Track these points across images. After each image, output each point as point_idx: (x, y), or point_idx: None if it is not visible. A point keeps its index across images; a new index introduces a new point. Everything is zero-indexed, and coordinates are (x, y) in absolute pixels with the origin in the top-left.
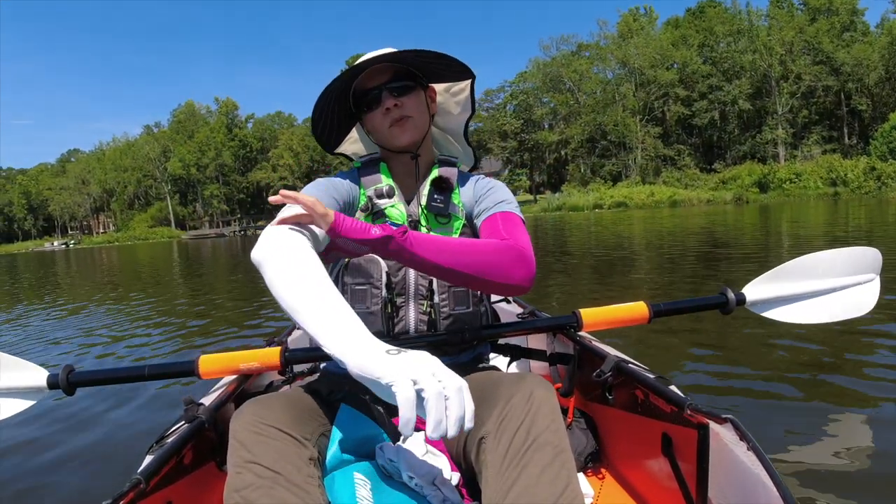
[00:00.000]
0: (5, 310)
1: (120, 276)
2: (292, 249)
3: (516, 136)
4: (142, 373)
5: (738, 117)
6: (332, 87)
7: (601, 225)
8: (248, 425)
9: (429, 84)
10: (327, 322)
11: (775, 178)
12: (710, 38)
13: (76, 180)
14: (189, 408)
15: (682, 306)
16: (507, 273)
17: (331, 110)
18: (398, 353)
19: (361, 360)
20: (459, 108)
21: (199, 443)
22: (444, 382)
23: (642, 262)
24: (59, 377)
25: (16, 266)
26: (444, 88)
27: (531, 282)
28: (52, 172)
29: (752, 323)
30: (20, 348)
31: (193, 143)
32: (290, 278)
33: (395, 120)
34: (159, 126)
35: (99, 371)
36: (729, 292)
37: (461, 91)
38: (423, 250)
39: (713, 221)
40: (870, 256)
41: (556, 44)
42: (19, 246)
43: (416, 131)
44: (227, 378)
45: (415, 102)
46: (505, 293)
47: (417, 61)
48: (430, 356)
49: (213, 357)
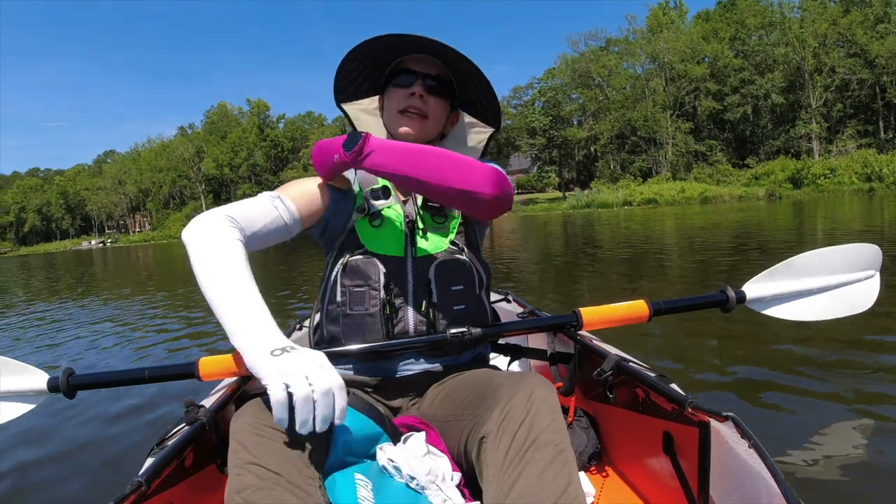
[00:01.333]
0: (45, 301)
1: (154, 273)
2: (217, 239)
3: (545, 133)
4: (142, 375)
5: (771, 111)
6: (378, 43)
7: (631, 220)
8: (249, 427)
9: (458, 109)
10: (232, 319)
11: (809, 174)
12: (741, 30)
13: (113, 180)
14: (190, 410)
15: (682, 305)
16: (478, 184)
17: (362, 67)
18: (281, 354)
19: (250, 358)
20: (473, 145)
21: (200, 445)
22: (314, 385)
23: (673, 258)
24: (60, 380)
25: (54, 263)
26: (468, 122)
27: (503, 202)
28: (90, 173)
29: (753, 321)
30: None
31: (226, 143)
32: (207, 268)
33: (411, 107)
34: (193, 127)
35: (99, 374)
36: (729, 290)
37: (479, 133)
38: (389, 158)
39: (745, 218)
40: (869, 253)
41: (584, 39)
42: (57, 245)
43: (421, 131)
44: (227, 379)
45: (437, 108)
46: (475, 210)
47: (465, 79)
48: (312, 356)
49: (214, 359)
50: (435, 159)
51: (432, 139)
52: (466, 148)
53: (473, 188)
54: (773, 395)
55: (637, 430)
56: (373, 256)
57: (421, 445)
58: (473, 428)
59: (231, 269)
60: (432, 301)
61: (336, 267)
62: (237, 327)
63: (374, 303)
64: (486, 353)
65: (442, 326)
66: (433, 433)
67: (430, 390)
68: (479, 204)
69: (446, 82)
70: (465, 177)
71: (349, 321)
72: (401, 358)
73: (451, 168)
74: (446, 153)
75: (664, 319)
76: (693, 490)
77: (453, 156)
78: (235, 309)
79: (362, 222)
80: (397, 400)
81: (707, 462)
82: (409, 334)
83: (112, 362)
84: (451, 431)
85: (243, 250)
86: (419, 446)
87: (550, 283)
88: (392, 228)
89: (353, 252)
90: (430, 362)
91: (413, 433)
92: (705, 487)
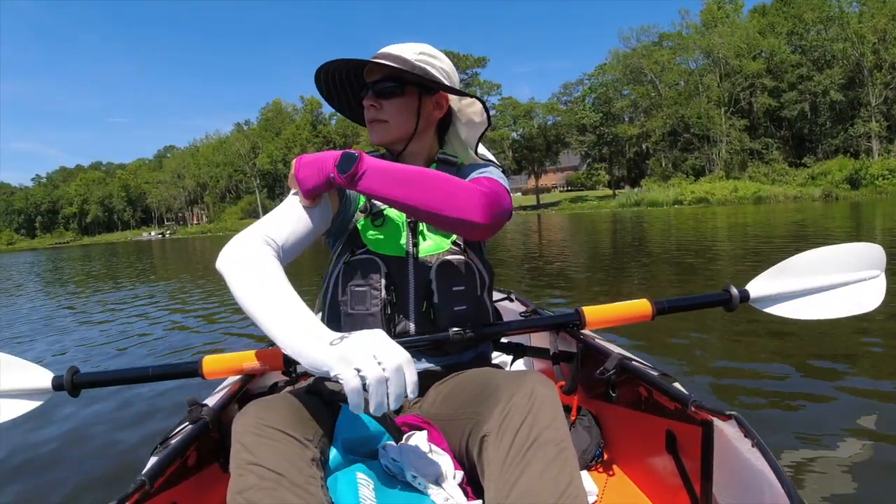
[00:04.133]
0: (118, 289)
1: (211, 264)
2: (251, 260)
3: (595, 130)
4: (146, 374)
5: (829, 109)
6: (339, 65)
7: (681, 218)
8: (250, 427)
9: (436, 91)
10: (281, 327)
11: (867, 174)
12: (799, 25)
13: (172, 174)
14: (193, 409)
15: (686, 304)
16: (470, 212)
17: (341, 94)
18: (340, 342)
19: (311, 356)
20: (479, 118)
21: (203, 444)
22: (384, 363)
23: (725, 260)
24: (64, 378)
25: (116, 252)
26: (458, 98)
27: (495, 227)
28: (150, 167)
29: (757, 319)
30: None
31: (280, 139)
32: (248, 288)
33: (369, 119)
34: (249, 124)
35: (103, 372)
36: (732, 289)
37: (475, 103)
38: (381, 182)
39: (802, 219)
40: (873, 253)
41: (636, 34)
42: (119, 235)
43: (387, 134)
44: (230, 378)
45: (395, 107)
46: (465, 234)
47: (404, 72)
48: (371, 336)
49: (217, 357)
50: (428, 185)
51: (403, 137)
52: (476, 124)
53: (465, 216)
54: (776, 395)
55: (640, 428)
56: (374, 256)
57: (423, 444)
58: (475, 426)
59: (269, 285)
60: (433, 301)
61: (338, 266)
62: (288, 335)
63: (375, 302)
64: (488, 352)
65: (443, 326)
66: (435, 432)
67: (431, 389)
68: (470, 230)
69: (395, 76)
70: (458, 203)
71: (350, 320)
72: None
73: (444, 195)
74: (441, 179)
75: (668, 317)
76: (696, 489)
77: (447, 182)
78: (282, 320)
79: (364, 222)
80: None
81: (710, 461)
82: (410, 334)
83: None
84: (453, 430)
85: (278, 265)
86: (421, 445)
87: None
88: (394, 228)
89: (355, 252)
90: (431, 361)
91: (415, 432)
92: (708, 486)
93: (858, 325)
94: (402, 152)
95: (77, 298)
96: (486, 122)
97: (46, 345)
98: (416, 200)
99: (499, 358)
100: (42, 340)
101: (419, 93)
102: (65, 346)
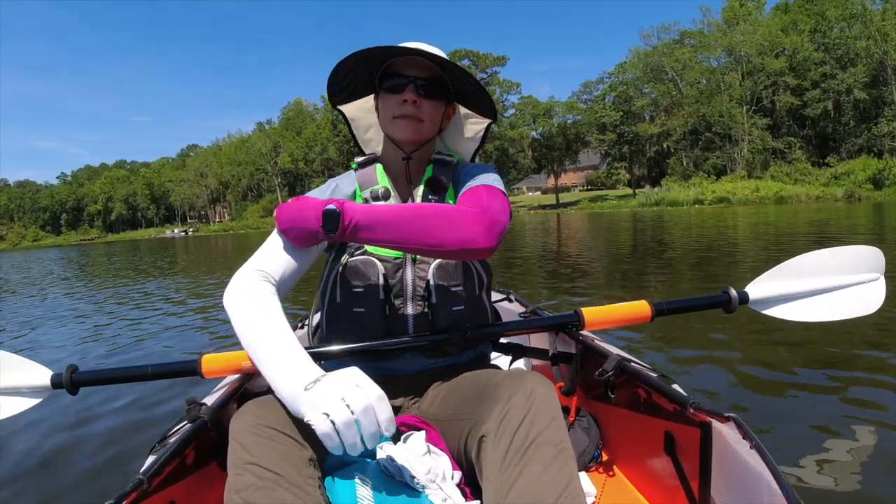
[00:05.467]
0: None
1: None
2: (250, 300)
3: (615, 129)
4: (145, 372)
5: (853, 108)
6: (367, 53)
7: (702, 218)
8: (248, 426)
9: (454, 102)
10: (268, 371)
11: (891, 174)
12: (822, 23)
13: (195, 173)
14: (191, 408)
15: (685, 305)
16: (474, 238)
17: (355, 71)
18: (313, 386)
19: (289, 403)
20: (471, 136)
21: (202, 443)
22: (352, 405)
23: (743, 261)
24: (63, 377)
25: (139, 248)
26: (464, 113)
27: (497, 246)
28: (173, 166)
29: (756, 321)
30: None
31: (301, 138)
32: (243, 330)
33: (405, 114)
34: (270, 123)
35: (102, 371)
36: (731, 291)
37: (476, 124)
38: (376, 230)
39: (824, 220)
40: (872, 256)
41: (656, 32)
42: (142, 233)
43: (419, 133)
44: (229, 378)
45: (431, 110)
46: (470, 258)
47: (457, 77)
48: (343, 377)
49: (216, 356)
50: (427, 221)
51: (429, 138)
52: (465, 139)
53: (466, 246)
54: (775, 397)
55: (638, 430)
56: (372, 257)
57: (421, 444)
58: (473, 427)
59: (263, 327)
60: (431, 302)
61: (336, 267)
62: (273, 380)
63: (373, 303)
64: (487, 352)
65: (442, 327)
66: (433, 432)
67: (430, 389)
68: (474, 256)
69: (438, 82)
70: (458, 235)
71: (349, 321)
72: (401, 357)
73: (441, 229)
74: (435, 213)
75: (667, 318)
76: (694, 491)
77: (443, 214)
78: (269, 365)
79: None
80: (397, 399)
81: (708, 463)
82: (409, 334)
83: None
84: (452, 430)
85: (275, 301)
86: (419, 445)
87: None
88: None
89: (353, 253)
90: (430, 362)
91: (413, 432)
92: (706, 488)
93: (858, 328)
94: (413, 152)
95: (88, 295)
96: (479, 141)
97: (47, 342)
98: (416, 242)
99: (498, 358)
100: (43, 338)
101: (447, 99)
102: (65, 345)
